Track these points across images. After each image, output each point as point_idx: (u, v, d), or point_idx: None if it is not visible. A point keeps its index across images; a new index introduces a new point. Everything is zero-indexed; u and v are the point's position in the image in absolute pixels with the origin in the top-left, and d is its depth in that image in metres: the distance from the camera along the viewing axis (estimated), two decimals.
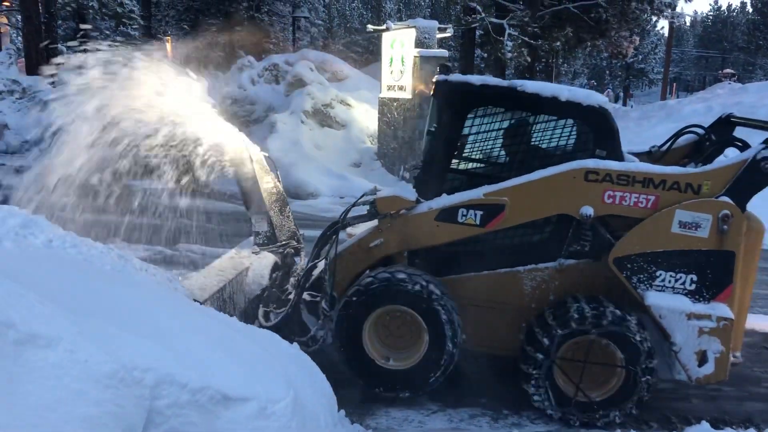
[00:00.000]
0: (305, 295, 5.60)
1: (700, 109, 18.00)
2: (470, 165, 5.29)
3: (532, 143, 5.22)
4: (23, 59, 22.81)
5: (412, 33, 14.89)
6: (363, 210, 5.44)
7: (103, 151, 4.84)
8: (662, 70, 43.47)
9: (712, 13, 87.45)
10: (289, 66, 18.57)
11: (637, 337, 4.70)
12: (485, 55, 35.01)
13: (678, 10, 24.88)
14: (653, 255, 4.69)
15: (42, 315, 2.16)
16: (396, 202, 5.09)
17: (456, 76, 5.20)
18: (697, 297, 4.72)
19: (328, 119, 16.87)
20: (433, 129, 5.28)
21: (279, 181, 6.27)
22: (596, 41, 24.02)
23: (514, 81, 5.15)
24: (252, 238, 6.30)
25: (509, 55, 20.02)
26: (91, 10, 26.77)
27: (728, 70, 49.89)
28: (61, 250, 3.91)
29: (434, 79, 5.28)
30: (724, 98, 18.83)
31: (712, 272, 4.67)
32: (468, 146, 5.22)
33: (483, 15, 20.11)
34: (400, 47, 15.22)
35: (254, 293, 5.73)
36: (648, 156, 5.92)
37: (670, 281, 4.71)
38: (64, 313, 2.30)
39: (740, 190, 4.65)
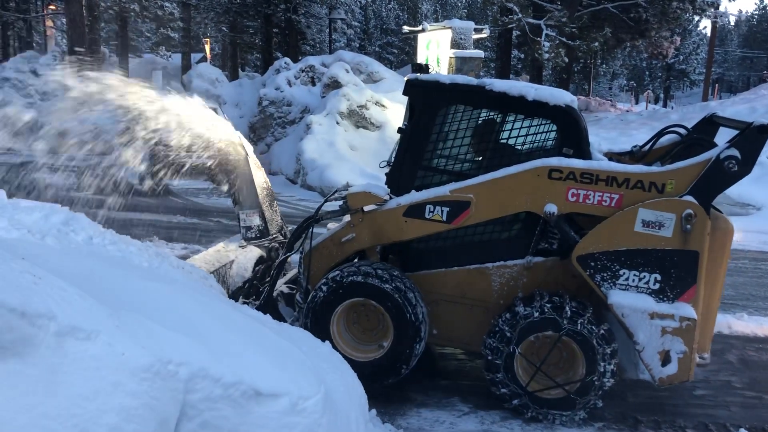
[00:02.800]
0: (283, 288, 5.74)
1: (743, 110, 17.57)
2: (440, 162, 5.34)
3: (500, 141, 5.28)
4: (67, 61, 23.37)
5: (448, 34, 14.90)
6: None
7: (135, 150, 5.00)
8: (704, 70, 42.56)
9: (757, 12, 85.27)
10: (325, 67, 18.70)
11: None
12: (522, 55, 34.79)
13: (721, 9, 24.35)
14: (616, 253, 4.67)
15: (82, 309, 2.23)
16: (366, 198, 5.20)
17: (427, 75, 5.32)
18: (660, 296, 4.67)
19: (363, 120, 16.95)
20: (403, 127, 5.37)
21: (267, 177, 6.40)
22: (636, 41, 23.66)
23: (483, 80, 5.24)
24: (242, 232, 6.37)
25: (546, 55, 19.83)
26: (132, 13, 27.34)
27: None
28: (101, 247, 4.03)
29: (406, 78, 5.40)
30: None
31: (676, 272, 4.63)
32: (438, 144, 5.31)
33: (520, 15, 19.95)
34: (436, 48, 15.24)
35: (236, 285, 5.85)
36: (630, 156, 5.90)
37: (633, 280, 4.68)
38: (103, 307, 2.37)
39: (704, 189, 4.61)
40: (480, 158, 5.36)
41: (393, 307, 4.98)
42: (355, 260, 5.44)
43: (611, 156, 5.93)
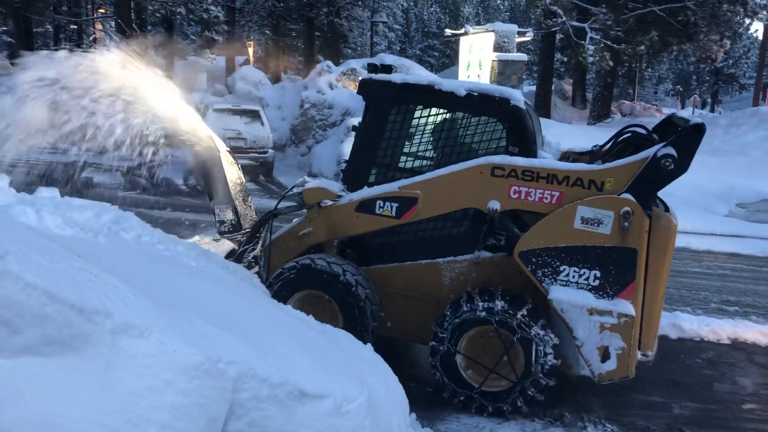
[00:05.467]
0: None
1: None
2: (392, 160, 5.49)
3: (450, 140, 5.42)
4: None
5: (490, 37, 14.80)
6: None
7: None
8: (754, 75, 41.37)
9: None
10: (365, 70, 18.75)
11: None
12: (565, 59, 34.35)
13: None
14: (557, 250, 4.73)
15: (136, 306, 2.28)
16: (320, 194, 5.40)
17: (379, 76, 5.51)
18: (600, 293, 4.71)
19: None
20: (357, 125, 5.56)
21: (241, 173, 6.52)
22: (683, 45, 23.15)
23: (433, 79, 5.42)
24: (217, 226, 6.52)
25: (591, 59, 19.56)
26: (178, 16, 27.87)
27: None
28: (150, 246, 4.11)
29: (360, 79, 5.60)
30: None
31: (615, 269, 4.66)
32: (390, 142, 5.45)
33: (564, 18, 19.71)
34: (479, 51, 15.15)
35: None
36: (590, 155, 5.93)
37: (573, 276, 4.73)
38: (155, 305, 2.42)
39: (642, 187, 4.65)
40: (430, 156, 5.55)
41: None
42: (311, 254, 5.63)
43: (570, 155, 6.03)
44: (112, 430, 1.97)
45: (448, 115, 5.44)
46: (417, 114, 5.43)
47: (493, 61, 14.70)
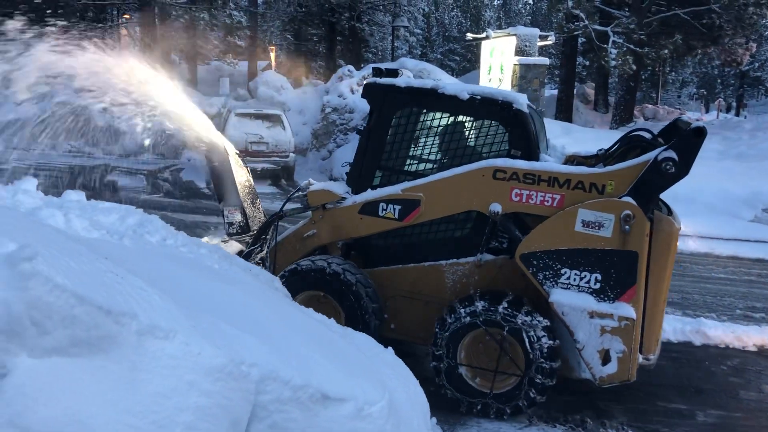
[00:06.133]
0: None
1: None
2: (396, 163, 5.56)
3: (453, 143, 5.47)
4: None
5: (512, 41, 14.76)
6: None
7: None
8: None
9: None
10: None
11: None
12: (587, 63, 34.11)
13: None
14: (558, 253, 4.76)
15: (161, 308, 2.31)
16: (325, 196, 5.48)
17: (383, 80, 5.58)
18: (601, 296, 4.72)
19: None
20: (361, 128, 5.62)
21: (250, 176, 6.59)
22: (708, 48, 22.89)
23: (437, 83, 5.48)
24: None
25: (613, 63, 19.42)
26: (202, 22, 28.16)
27: None
28: (174, 249, 4.15)
29: (364, 82, 5.68)
30: None
31: (616, 272, 4.68)
32: (394, 145, 5.52)
33: (587, 22, 19.60)
34: (500, 55, 15.11)
35: None
36: (595, 158, 5.93)
37: (575, 279, 4.74)
38: (179, 307, 2.45)
39: (643, 190, 4.65)
40: (434, 159, 5.63)
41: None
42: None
43: (576, 158, 6.05)
44: (139, 431, 2.00)
45: (451, 119, 5.49)
46: (420, 117, 5.51)
47: (515, 65, 14.64)
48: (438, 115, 5.50)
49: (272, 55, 34.57)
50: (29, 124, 19.86)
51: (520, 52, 14.81)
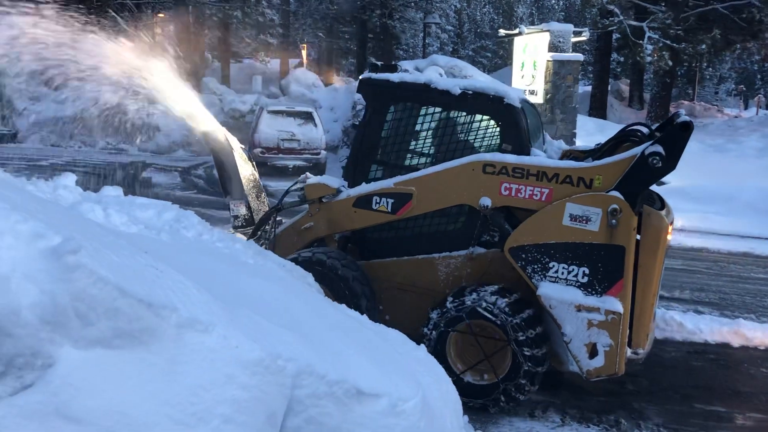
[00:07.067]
0: None
1: None
2: (390, 157, 5.64)
3: (445, 137, 5.56)
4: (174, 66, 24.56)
5: (545, 37, 14.59)
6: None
7: None
8: None
9: None
10: (419, 71, 18.75)
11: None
12: (622, 59, 33.61)
13: None
14: (546, 246, 4.79)
15: (199, 302, 2.34)
16: (320, 189, 5.61)
17: (378, 75, 5.67)
18: (588, 290, 4.73)
19: None
20: (357, 123, 5.62)
21: (256, 170, 6.66)
22: (747, 43, 22.38)
23: (430, 77, 5.56)
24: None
25: (648, 59, 19.10)
26: (234, 20, 28.43)
27: None
28: (210, 244, 4.21)
29: (360, 77, 5.76)
30: None
31: (603, 266, 4.68)
32: (388, 139, 5.61)
33: (621, 17, 19.32)
34: (533, 51, 14.96)
35: None
36: (593, 153, 5.92)
37: (563, 273, 4.77)
38: (217, 301, 2.48)
39: (630, 185, 4.64)
40: (427, 153, 5.70)
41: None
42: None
43: (573, 153, 6.03)
44: (179, 423, 2.03)
45: (444, 114, 5.56)
46: (414, 112, 5.58)
47: (548, 61, 14.46)
48: (431, 109, 5.58)
49: (304, 52, 34.78)
50: (66, 122, 20.27)
51: (553, 48, 14.61)
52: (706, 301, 8.21)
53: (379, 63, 6.00)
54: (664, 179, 5.68)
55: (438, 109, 5.56)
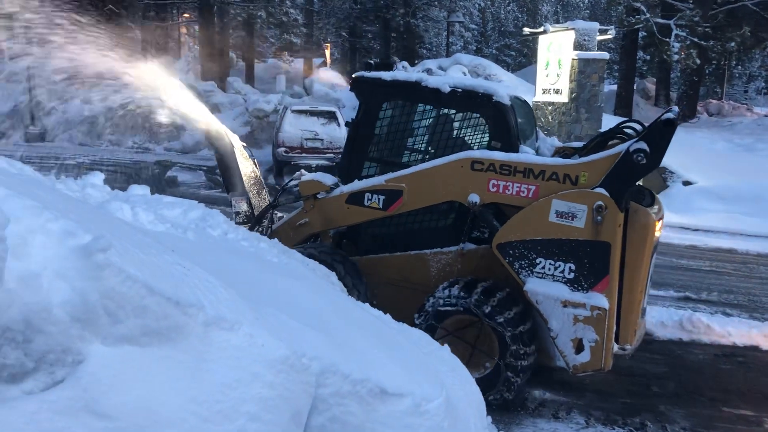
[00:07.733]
0: None
1: None
2: (383, 154, 5.77)
3: (436, 134, 5.66)
4: (199, 65, 24.84)
5: (570, 35, 14.44)
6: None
7: None
8: None
9: None
10: (443, 70, 18.72)
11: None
12: (648, 57, 33.18)
13: None
14: (533, 242, 4.84)
15: (226, 300, 2.36)
16: (315, 186, 5.69)
17: (371, 73, 5.84)
18: (575, 286, 4.77)
19: None
20: (350, 121, 5.80)
21: (257, 168, 6.75)
22: None
23: (421, 76, 5.64)
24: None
25: (675, 57, 18.83)
26: (258, 20, 28.61)
27: None
28: (235, 243, 4.24)
29: (353, 75, 5.90)
30: None
31: (589, 262, 4.71)
32: (381, 136, 5.73)
33: (648, 15, 19.08)
34: (558, 50, 14.81)
35: None
36: (584, 149, 5.91)
37: (549, 269, 4.81)
38: (243, 299, 2.50)
39: (615, 181, 4.67)
40: (419, 150, 5.81)
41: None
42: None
43: (565, 150, 6.05)
44: (205, 420, 2.05)
45: (434, 111, 5.66)
46: (405, 110, 5.70)
47: (573, 59, 14.31)
48: (423, 107, 5.68)
49: (327, 52, 34.89)
50: (93, 121, 20.54)
51: (578, 46, 14.45)
52: (735, 303, 8.08)
53: (373, 61, 6.12)
54: (690, 179, 5.66)
55: (429, 107, 5.67)
